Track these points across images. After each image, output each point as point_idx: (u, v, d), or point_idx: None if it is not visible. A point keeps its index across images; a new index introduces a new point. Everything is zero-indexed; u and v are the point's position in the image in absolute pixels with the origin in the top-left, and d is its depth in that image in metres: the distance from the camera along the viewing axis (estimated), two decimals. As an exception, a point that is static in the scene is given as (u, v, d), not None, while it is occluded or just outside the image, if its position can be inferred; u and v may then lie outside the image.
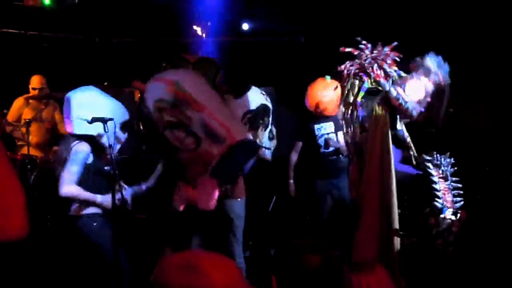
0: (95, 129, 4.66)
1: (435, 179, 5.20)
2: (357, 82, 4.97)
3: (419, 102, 4.92)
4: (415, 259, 5.51)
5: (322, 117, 6.61)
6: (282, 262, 2.42)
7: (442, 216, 5.03)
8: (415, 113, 4.92)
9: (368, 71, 4.94)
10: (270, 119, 5.90)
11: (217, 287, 1.69)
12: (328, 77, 6.54)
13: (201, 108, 4.68)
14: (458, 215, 4.71)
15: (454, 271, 4.59)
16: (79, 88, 4.89)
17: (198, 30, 8.70)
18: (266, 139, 5.89)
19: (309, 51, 8.71)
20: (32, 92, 7.39)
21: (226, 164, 4.78)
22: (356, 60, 5.00)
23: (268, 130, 5.90)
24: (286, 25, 8.79)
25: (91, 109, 4.68)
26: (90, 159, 4.68)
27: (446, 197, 5.09)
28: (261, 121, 5.82)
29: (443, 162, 5.09)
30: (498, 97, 7.64)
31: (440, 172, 5.18)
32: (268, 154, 5.97)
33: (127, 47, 8.81)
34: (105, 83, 7.36)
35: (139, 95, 7.81)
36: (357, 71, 4.97)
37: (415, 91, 4.90)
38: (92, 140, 4.69)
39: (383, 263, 4.06)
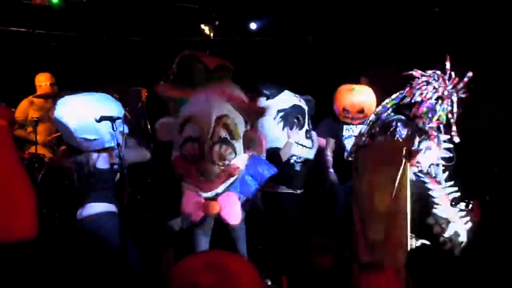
0: (107, 142, 4.76)
1: (430, 186, 5.20)
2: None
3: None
4: (424, 260, 5.50)
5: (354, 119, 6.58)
6: (293, 262, 2.41)
7: (443, 222, 5.04)
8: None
9: (443, 100, 5.03)
10: (307, 120, 5.93)
11: (245, 286, 1.68)
12: (356, 87, 6.60)
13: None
14: (470, 205, 4.69)
15: (464, 273, 4.57)
16: (57, 102, 4.90)
17: (206, 29, 8.69)
18: (303, 138, 5.91)
19: (316, 51, 8.70)
20: (43, 89, 7.36)
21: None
22: (435, 85, 5.06)
23: (304, 130, 5.92)
24: (293, 24, 8.79)
25: (90, 128, 4.68)
26: (101, 161, 4.72)
27: (444, 202, 5.09)
28: (295, 120, 5.85)
29: (433, 170, 5.09)
30: (507, 98, 7.61)
31: (434, 178, 5.19)
32: (310, 153, 6.05)
33: (134, 46, 8.82)
34: (113, 82, 7.36)
35: (146, 93, 7.84)
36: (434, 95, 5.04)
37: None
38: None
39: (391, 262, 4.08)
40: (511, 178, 6.54)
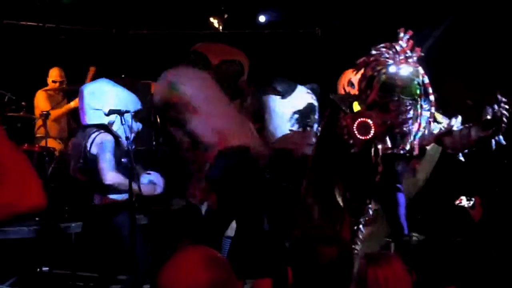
0: (108, 118, 4.76)
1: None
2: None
3: None
4: (427, 254, 5.49)
5: None
6: (298, 253, 2.41)
7: None
8: None
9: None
10: (316, 117, 5.91)
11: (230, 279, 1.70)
12: None
13: (196, 112, 4.79)
14: (471, 202, 4.63)
15: (472, 266, 4.56)
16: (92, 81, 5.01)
17: (215, 22, 8.69)
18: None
19: (325, 43, 8.68)
20: (52, 85, 7.41)
21: (217, 169, 4.84)
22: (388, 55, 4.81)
23: (314, 128, 5.91)
24: (302, 17, 8.77)
25: (103, 99, 4.80)
26: (94, 148, 4.76)
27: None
28: (308, 121, 5.84)
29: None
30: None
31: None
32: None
33: (144, 39, 8.84)
34: (122, 75, 7.37)
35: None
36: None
37: None
38: (107, 130, 4.75)
39: None
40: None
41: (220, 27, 8.68)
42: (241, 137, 4.96)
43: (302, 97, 5.88)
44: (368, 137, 4.45)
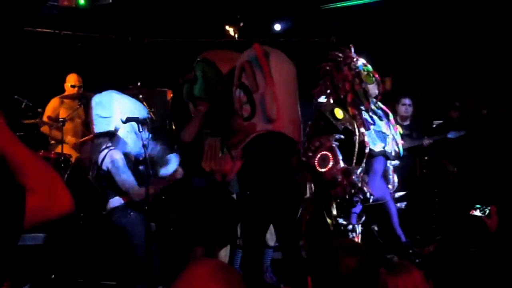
0: (114, 125, 4.86)
1: None
2: None
3: None
4: (444, 261, 5.45)
5: None
6: (318, 263, 2.40)
7: None
8: None
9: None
10: None
11: None
12: None
13: (270, 83, 4.84)
14: (487, 211, 4.57)
15: (487, 276, 4.53)
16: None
17: (231, 30, 8.71)
18: None
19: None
20: (71, 90, 7.44)
21: (255, 145, 4.87)
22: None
23: None
24: (317, 25, 8.78)
25: (110, 107, 4.92)
26: (107, 160, 4.84)
27: None
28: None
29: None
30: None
31: None
32: None
33: (159, 47, 8.87)
34: (138, 83, 7.41)
35: (171, 94, 7.87)
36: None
37: None
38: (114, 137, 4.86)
39: None
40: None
41: (236, 35, 8.69)
42: (295, 131, 4.99)
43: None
44: (326, 169, 4.59)
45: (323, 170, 4.63)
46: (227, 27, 8.72)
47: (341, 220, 4.76)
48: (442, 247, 5.93)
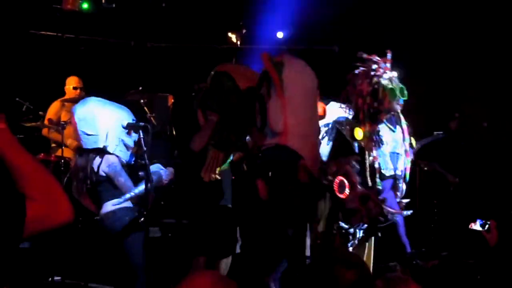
0: (103, 142, 4.84)
1: None
2: None
3: None
4: (441, 277, 5.44)
5: None
6: (316, 274, 2.40)
7: None
8: None
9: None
10: None
11: None
12: None
13: (280, 95, 4.63)
14: (487, 226, 4.57)
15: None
16: (81, 101, 5.13)
17: (233, 37, 8.71)
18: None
19: (343, 60, 8.67)
20: (73, 92, 7.46)
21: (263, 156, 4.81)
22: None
23: None
24: (320, 34, 8.78)
25: (94, 124, 4.85)
26: (104, 165, 4.87)
27: None
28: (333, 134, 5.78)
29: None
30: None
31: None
32: None
33: (162, 52, 8.87)
34: (140, 88, 7.41)
35: (172, 100, 7.87)
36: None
37: None
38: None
39: None
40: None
41: (238, 42, 8.69)
42: (305, 147, 4.75)
43: (334, 111, 5.80)
44: (344, 196, 4.65)
45: (341, 196, 4.64)
46: (229, 34, 8.72)
47: (342, 224, 4.77)
48: (446, 262, 5.92)
